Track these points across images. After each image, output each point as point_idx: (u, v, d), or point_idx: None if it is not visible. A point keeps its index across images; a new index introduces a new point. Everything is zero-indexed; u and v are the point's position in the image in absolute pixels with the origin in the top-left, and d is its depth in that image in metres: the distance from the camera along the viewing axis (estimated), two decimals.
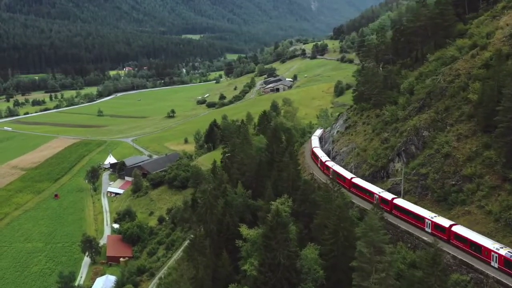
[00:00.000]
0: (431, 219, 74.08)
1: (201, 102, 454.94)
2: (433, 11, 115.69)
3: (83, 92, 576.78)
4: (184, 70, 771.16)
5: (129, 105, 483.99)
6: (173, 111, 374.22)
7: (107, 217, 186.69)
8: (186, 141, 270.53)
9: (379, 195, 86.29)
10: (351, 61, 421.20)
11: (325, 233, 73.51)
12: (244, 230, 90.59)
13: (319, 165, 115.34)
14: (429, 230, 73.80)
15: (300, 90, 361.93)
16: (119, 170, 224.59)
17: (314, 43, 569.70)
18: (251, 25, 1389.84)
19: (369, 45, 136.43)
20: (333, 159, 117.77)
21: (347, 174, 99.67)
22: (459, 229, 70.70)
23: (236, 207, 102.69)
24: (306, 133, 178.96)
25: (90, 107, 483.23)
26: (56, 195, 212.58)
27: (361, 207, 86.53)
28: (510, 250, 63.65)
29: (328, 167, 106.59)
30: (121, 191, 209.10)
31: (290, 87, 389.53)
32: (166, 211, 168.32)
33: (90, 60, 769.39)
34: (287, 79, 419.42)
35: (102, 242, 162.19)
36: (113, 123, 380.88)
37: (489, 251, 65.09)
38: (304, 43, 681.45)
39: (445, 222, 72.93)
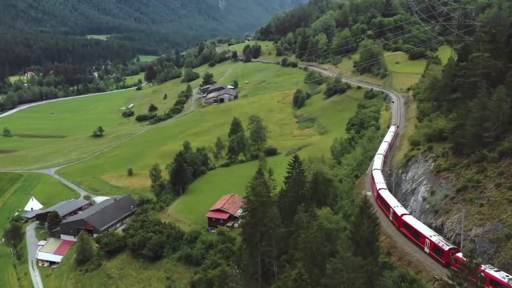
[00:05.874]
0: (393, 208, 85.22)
1: (127, 114, 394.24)
2: None
3: None
4: (96, 75, 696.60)
5: (41, 120, 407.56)
6: (101, 129, 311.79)
7: None
8: (130, 173, 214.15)
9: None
10: (294, 65, 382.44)
11: None
12: None
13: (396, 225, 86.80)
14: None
15: (250, 100, 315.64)
16: (50, 224, 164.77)
17: (246, 45, 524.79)
18: (159, 24, 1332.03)
19: (475, 59, 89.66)
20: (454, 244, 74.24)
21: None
22: (408, 218, 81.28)
23: None
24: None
25: None
26: None
27: None
28: (442, 238, 73.14)
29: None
30: (58, 258, 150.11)
31: (236, 96, 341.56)
32: None
33: None
34: (228, 86, 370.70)
35: None
36: (26, 146, 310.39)
37: (424, 237, 74.90)
38: (229, 44, 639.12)
39: (400, 211, 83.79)
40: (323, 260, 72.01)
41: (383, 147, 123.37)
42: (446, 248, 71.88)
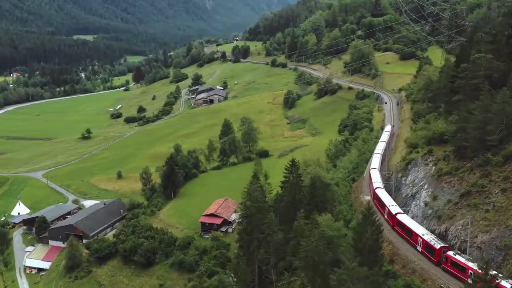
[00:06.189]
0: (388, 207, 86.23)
1: (115, 116, 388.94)
2: None
3: None
4: (83, 75, 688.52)
5: (27, 122, 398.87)
6: (89, 131, 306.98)
7: None
8: (120, 176, 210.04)
9: None
10: (284, 65, 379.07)
11: None
12: None
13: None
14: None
15: (240, 101, 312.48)
16: (38, 229, 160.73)
17: (235, 45, 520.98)
18: (147, 24, 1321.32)
19: (477, 60, 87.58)
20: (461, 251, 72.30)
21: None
22: (402, 217, 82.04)
23: None
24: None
25: None
26: None
27: None
28: (434, 237, 73.73)
29: None
30: (46, 264, 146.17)
31: (225, 97, 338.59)
32: None
33: None
34: (217, 87, 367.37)
35: None
36: (12, 149, 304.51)
37: (417, 236, 75.47)
38: (217, 45, 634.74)
39: (394, 209, 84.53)
40: (325, 269, 69.59)
41: (381, 146, 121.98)
42: (437, 246, 72.36)
